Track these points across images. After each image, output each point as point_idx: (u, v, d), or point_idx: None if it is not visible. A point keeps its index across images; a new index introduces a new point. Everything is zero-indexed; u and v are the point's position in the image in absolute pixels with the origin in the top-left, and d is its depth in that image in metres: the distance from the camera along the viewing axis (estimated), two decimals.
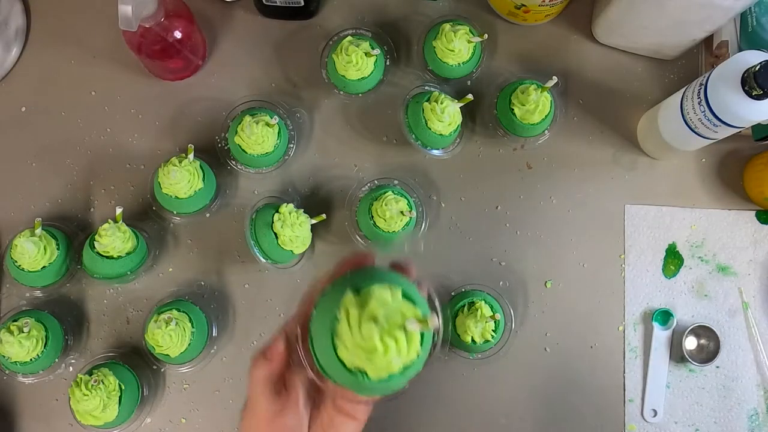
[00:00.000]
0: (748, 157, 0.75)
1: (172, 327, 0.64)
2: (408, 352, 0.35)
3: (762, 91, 0.55)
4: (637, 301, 0.73)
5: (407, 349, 0.35)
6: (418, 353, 0.36)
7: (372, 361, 0.34)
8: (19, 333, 0.64)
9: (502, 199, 0.74)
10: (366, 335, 0.34)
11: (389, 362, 0.35)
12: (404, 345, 0.35)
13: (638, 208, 0.74)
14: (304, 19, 0.77)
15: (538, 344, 0.72)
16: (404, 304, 0.36)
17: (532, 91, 0.68)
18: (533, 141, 0.73)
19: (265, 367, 0.40)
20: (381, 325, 0.34)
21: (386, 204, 0.66)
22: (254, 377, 0.40)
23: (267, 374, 0.40)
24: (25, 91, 0.75)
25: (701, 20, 0.66)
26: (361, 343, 0.34)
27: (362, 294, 0.36)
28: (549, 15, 0.75)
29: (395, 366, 0.35)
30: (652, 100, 0.75)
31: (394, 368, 0.35)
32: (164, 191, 0.67)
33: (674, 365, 0.71)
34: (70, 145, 0.74)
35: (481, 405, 0.71)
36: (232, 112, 0.72)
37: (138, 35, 0.66)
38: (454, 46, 0.70)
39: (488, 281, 0.72)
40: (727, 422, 0.71)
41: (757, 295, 0.73)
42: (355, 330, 0.34)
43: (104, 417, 0.63)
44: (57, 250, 0.67)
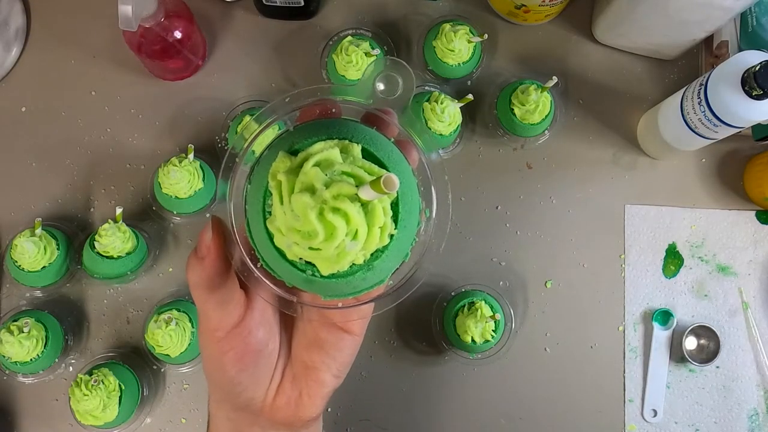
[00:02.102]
0: (748, 157, 0.75)
1: (172, 327, 0.64)
2: (370, 235, 0.25)
3: (762, 91, 0.55)
4: (637, 301, 0.73)
5: (368, 231, 0.25)
6: (391, 235, 0.26)
7: (318, 250, 0.25)
8: (19, 333, 0.64)
9: (502, 199, 0.74)
10: (298, 211, 0.24)
11: (341, 251, 0.25)
12: (361, 225, 0.25)
13: (638, 208, 0.74)
14: (304, 19, 0.77)
15: (538, 344, 0.72)
16: (364, 165, 0.25)
17: (532, 91, 0.68)
18: (533, 141, 0.73)
19: (197, 267, 0.30)
20: (320, 197, 0.24)
21: None
22: (190, 284, 0.31)
23: (202, 275, 0.30)
24: (25, 91, 0.75)
25: (701, 20, 0.66)
26: (294, 223, 0.25)
27: (299, 155, 0.25)
28: (549, 15, 0.75)
29: (352, 255, 0.25)
30: (652, 100, 0.75)
31: (352, 258, 0.25)
32: (164, 191, 0.67)
33: (674, 365, 0.71)
34: (70, 145, 0.74)
35: (480, 405, 0.71)
36: (232, 112, 0.72)
37: (138, 35, 0.66)
38: (454, 46, 0.70)
39: (488, 281, 0.72)
40: (727, 422, 0.71)
41: (757, 295, 0.73)
42: (286, 205, 0.25)
43: (104, 417, 0.63)
44: (57, 250, 0.67)
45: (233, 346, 0.31)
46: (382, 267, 0.27)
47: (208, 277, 0.30)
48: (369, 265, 0.26)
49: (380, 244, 0.26)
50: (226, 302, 0.31)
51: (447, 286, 0.71)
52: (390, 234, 0.26)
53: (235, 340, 0.31)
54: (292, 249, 0.26)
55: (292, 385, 0.33)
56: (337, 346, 0.33)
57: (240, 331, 0.31)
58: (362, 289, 0.28)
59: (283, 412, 0.33)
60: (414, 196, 0.28)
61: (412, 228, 0.27)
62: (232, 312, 0.31)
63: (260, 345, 0.32)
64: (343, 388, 0.35)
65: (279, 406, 0.33)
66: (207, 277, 0.30)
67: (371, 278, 0.27)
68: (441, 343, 0.69)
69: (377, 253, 0.26)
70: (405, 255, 0.28)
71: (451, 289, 0.70)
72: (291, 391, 0.33)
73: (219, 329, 0.31)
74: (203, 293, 0.30)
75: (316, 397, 0.33)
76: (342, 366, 0.33)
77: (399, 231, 0.26)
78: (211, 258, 0.29)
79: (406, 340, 0.71)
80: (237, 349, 0.31)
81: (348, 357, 0.33)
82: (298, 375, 0.33)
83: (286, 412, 0.33)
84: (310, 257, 0.26)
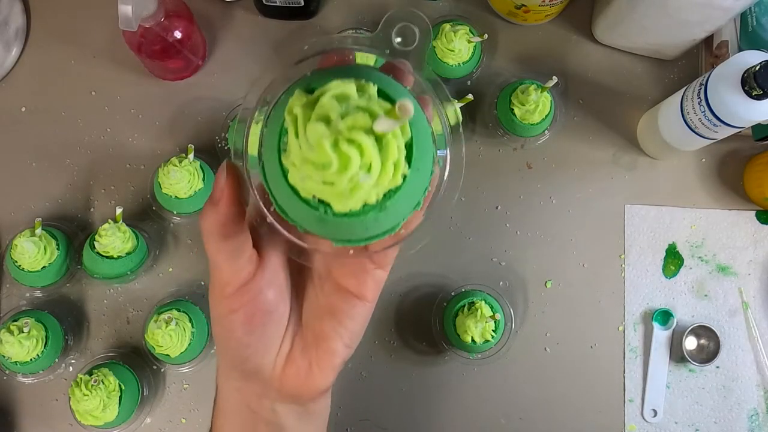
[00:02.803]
0: (748, 157, 0.75)
1: (172, 327, 0.64)
2: (384, 171, 0.25)
3: (762, 91, 0.55)
4: (637, 301, 0.73)
5: (381, 166, 0.24)
6: (404, 175, 0.25)
7: (331, 184, 0.24)
8: (19, 333, 0.64)
9: (502, 199, 0.74)
10: (313, 141, 0.24)
11: (355, 184, 0.24)
12: (375, 158, 0.24)
13: (638, 208, 0.74)
14: (304, 19, 0.77)
15: (538, 344, 0.72)
16: (378, 102, 0.25)
17: (532, 91, 0.68)
18: (533, 141, 0.73)
19: (211, 212, 0.29)
20: (335, 127, 0.24)
21: None
22: (203, 232, 0.30)
23: (216, 220, 0.29)
24: (25, 91, 0.75)
25: (701, 20, 0.66)
26: (309, 154, 0.24)
27: (316, 91, 0.25)
28: (549, 15, 0.75)
29: (365, 189, 0.25)
30: (652, 100, 0.75)
31: (365, 194, 0.25)
32: (164, 191, 0.67)
33: (674, 365, 0.71)
34: (70, 145, 0.74)
35: (480, 405, 0.71)
36: (232, 112, 0.72)
37: (138, 35, 0.66)
38: (454, 46, 0.70)
39: (488, 281, 0.72)
40: (727, 422, 0.71)
41: (757, 295, 0.73)
42: (301, 136, 0.24)
43: (104, 417, 0.63)
44: (57, 250, 0.67)
45: (243, 304, 0.31)
46: (395, 209, 0.26)
47: (221, 223, 0.29)
48: (382, 205, 0.26)
49: (393, 184, 0.25)
50: (237, 254, 0.30)
51: (447, 286, 0.71)
52: (403, 174, 0.26)
53: (244, 297, 0.31)
54: (305, 184, 0.25)
55: (302, 354, 0.33)
56: (349, 314, 0.32)
57: (250, 289, 0.31)
58: (374, 235, 0.27)
59: (292, 382, 0.33)
60: (428, 142, 0.27)
61: (425, 173, 0.27)
62: (244, 267, 0.30)
63: (270, 306, 0.32)
64: (343, 388, 0.35)
65: (288, 375, 0.33)
66: (220, 222, 0.29)
67: (383, 221, 0.26)
68: (441, 343, 0.69)
69: (390, 193, 0.26)
70: (417, 203, 0.27)
71: (451, 289, 0.70)
72: (301, 361, 0.33)
73: (229, 284, 0.30)
74: (216, 241, 0.29)
75: (326, 368, 0.33)
76: (353, 335, 0.33)
77: (412, 172, 0.26)
78: (225, 201, 0.29)
79: (406, 340, 0.71)
80: (246, 308, 0.31)
81: (359, 325, 0.33)
82: (308, 344, 0.33)
83: (295, 382, 0.33)
84: (324, 193, 0.25)
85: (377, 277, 0.32)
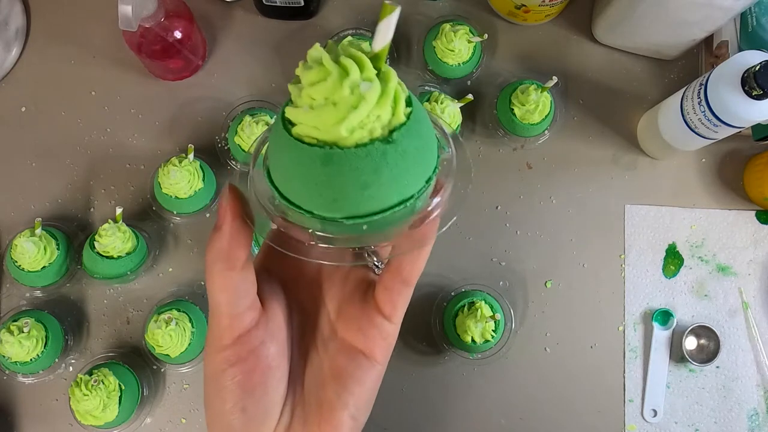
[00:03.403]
0: (748, 157, 0.75)
1: (172, 327, 0.64)
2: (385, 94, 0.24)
3: (762, 91, 0.55)
4: (637, 301, 0.73)
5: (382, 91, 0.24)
6: (406, 114, 0.25)
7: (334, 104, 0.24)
8: (19, 333, 0.64)
9: (502, 199, 0.74)
10: (313, 58, 0.25)
11: (357, 95, 0.24)
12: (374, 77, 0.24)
13: (638, 208, 0.74)
14: (304, 19, 0.77)
15: (538, 344, 0.72)
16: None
17: (532, 91, 0.68)
18: (533, 141, 0.73)
19: (215, 238, 0.27)
20: (335, 52, 0.25)
21: None
22: (207, 264, 0.28)
23: (221, 248, 0.27)
24: (25, 91, 0.75)
25: (701, 20, 0.66)
26: (310, 76, 0.25)
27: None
28: (549, 15, 0.75)
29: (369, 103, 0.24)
30: (652, 100, 0.75)
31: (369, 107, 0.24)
32: (164, 191, 0.67)
33: (674, 365, 0.71)
34: (70, 145, 0.74)
35: (480, 405, 0.71)
36: (232, 112, 0.72)
37: (138, 35, 0.66)
38: (454, 46, 0.70)
39: (488, 281, 0.72)
40: (727, 422, 0.71)
41: (757, 295, 0.73)
42: (302, 74, 0.25)
43: (104, 417, 0.63)
44: (57, 250, 0.67)
45: (242, 357, 0.28)
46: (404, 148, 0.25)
47: (226, 249, 0.27)
48: (389, 138, 0.25)
49: (397, 121, 0.25)
50: (241, 294, 0.28)
51: (447, 286, 0.71)
52: (407, 114, 0.25)
53: (244, 348, 0.28)
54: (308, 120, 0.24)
55: (303, 428, 0.29)
56: (356, 376, 0.29)
57: (250, 339, 0.28)
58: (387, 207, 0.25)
59: None
60: (426, 116, 0.27)
61: (429, 132, 0.27)
62: (246, 314, 0.28)
63: (271, 361, 0.29)
64: None
65: None
66: (225, 249, 0.27)
67: (393, 163, 0.25)
68: (441, 343, 0.69)
69: (396, 128, 0.25)
70: (428, 176, 0.26)
71: (451, 289, 0.70)
72: None
73: (229, 329, 0.28)
74: (219, 272, 0.27)
75: None
76: (361, 403, 0.29)
77: (414, 114, 0.26)
78: (229, 221, 0.27)
79: (406, 340, 0.71)
80: (245, 363, 0.28)
81: (368, 392, 0.30)
82: (310, 416, 0.29)
83: None
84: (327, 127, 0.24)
85: (387, 331, 0.30)
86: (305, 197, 0.26)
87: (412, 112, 0.26)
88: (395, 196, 0.25)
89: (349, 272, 0.32)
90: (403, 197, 0.26)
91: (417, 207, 0.27)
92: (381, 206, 0.25)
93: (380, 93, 0.24)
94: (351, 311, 0.30)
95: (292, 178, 0.26)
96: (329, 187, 0.25)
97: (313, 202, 0.25)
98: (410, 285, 0.30)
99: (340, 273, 0.32)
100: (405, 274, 0.29)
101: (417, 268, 0.29)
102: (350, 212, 0.25)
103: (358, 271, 0.32)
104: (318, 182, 0.25)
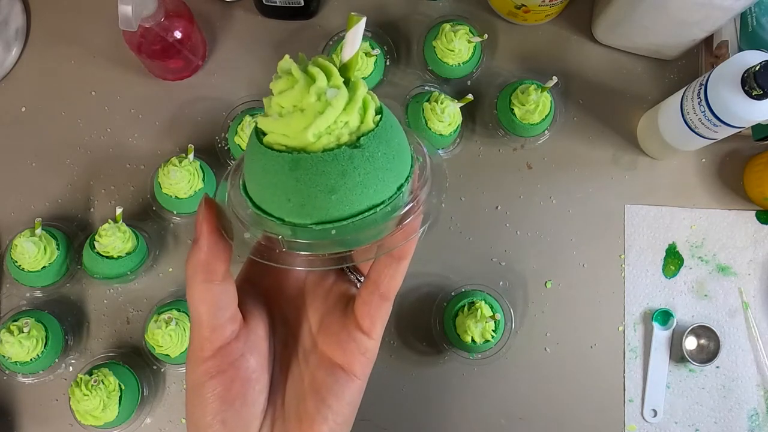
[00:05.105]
0: (748, 157, 0.75)
1: (172, 327, 0.64)
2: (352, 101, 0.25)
3: (762, 91, 0.55)
4: (637, 301, 0.73)
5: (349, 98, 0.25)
6: (374, 121, 0.26)
7: (301, 111, 0.24)
8: (19, 333, 0.64)
9: (502, 199, 0.74)
10: (283, 69, 0.25)
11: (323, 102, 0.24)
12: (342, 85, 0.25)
13: (638, 208, 0.74)
14: (304, 19, 0.77)
15: (538, 344, 0.72)
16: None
17: (532, 91, 0.68)
18: (533, 141, 0.73)
19: (193, 251, 0.28)
20: (304, 63, 0.26)
21: None
22: (187, 276, 0.28)
23: (199, 260, 0.28)
24: (25, 91, 0.75)
25: (701, 20, 0.66)
26: (279, 85, 0.25)
27: None
28: (549, 15, 0.75)
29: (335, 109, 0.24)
30: (652, 100, 0.75)
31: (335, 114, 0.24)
32: (164, 191, 0.67)
33: (674, 365, 0.71)
34: (70, 145, 0.74)
35: (480, 405, 0.71)
36: (232, 112, 0.72)
37: (138, 35, 0.66)
38: (454, 46, 0.70)
39: (488, 281, 0.72)
40: (727, 422, 0.71)
41: (757, 295, 0.73)
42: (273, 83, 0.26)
43: (104, 417, 0.63)
44: (57, 250, 0.67)
45: (222, 368, 0.28)
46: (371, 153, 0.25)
47: (204, 262, 0.27)
48: (356, 143, 0.25)
49: (366, 127, 0.25)
50: (221, 306, 0.28)
51: (447, 286, 0.71)
52: (376, 121, 0.26)
53: (224, 360, 0.28)
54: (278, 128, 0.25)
55: None
56: (335, 391, 0.29)
57: (231, 351, 0.29)
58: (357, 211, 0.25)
59: None
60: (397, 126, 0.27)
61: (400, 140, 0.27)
62: (226, 325, 0.28)
63: (251, 373, 0.29)
64: None
65: None
66: (203, 261, 0.27)
67: (361, 167, 0.25)
68: (441, 343, 0.69)
69: (364, 134, 0.25)
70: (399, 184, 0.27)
71: (451, 289, 0.70)
72: None
73: (209, 341, 0.28)
74: (199, 285, 0.28)
75: None
76: (340, 418, 0.29)
77: (383, 122, 0.26)
78: (206, 233, 0.27)
79: (406, 340, 0.71)
80: (226, 374, 0.28)
81: (347, 407, 0.30)
82: (290, 430, 0.29)
83: None
84: (296, 133, 0.24)
85: (365, 346, 0.30)
86: (275, 204, 0.26)
87: (381, 119, 0.26)
88: (364, 201, 0.26)
89: (332, 286, 0.32)
90: (373, 203, 0.26)
91: (389, 215, 0.27)
92: (350, 211, 0.25)
93: (348, 100, 0.25)
94: (332, 325, 0.31)
95: (262, 186, 0.26)
96: (297, 192, 0.25)
97: (283, 209, 0.26)
98: (388, 299, 0.30)
99: (324, 286, 0.32)
100: (383, 289, 0.29)
101: (395, 283, 0.29)
102: (319, 218, 0.25)
103: (341, 285, 0.32)
104: (286, 187, 0.25)
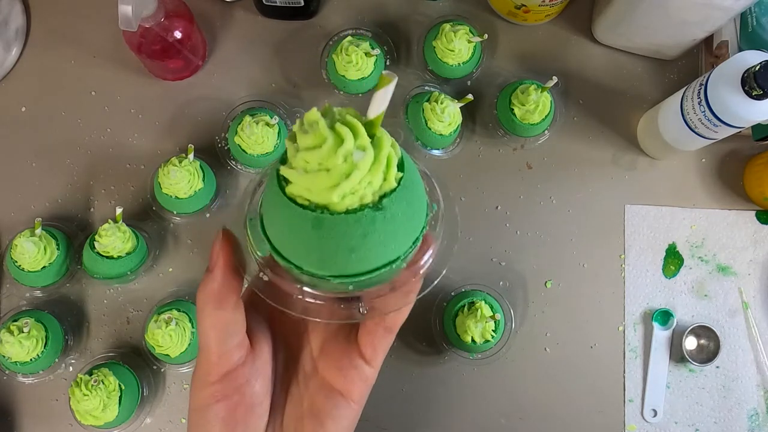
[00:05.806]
0: (748, 157, 0.75)
1: (172, 327, 0.64)
2: (377, 161, 0.25)
3: (762, 91, 0.55)
4: (637, 301, 0.73)
5: (375, 158, 0.25)
6: (397, 180, 0.26)
7: (327, 170, 0.25)
8: (19, 333, 0.64)
9: (502, 199, 0.74)
10: (309, 122, 0.25)
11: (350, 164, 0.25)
12: (368, 145, 0.25)
13: (638, 208, 0.74)
14: (304, 19, 0.77)
15: (538, 344, 0.72)
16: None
17: (532, 91, 0.68)
18: (533, 141, 0.73)
19: (206, 281, 0.28)
20: (330, 114, 0.26)
21: None
22: (198, 303, 0.29)
23: (211, 290, 0.28)
24: (25, 91, 0.75)
25: (701, 20, 0.66)
26: (306, 140, 0.25)
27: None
28: (549, 15, 0.75)
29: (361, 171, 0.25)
30: (652, 100, 0.75)
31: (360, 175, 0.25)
32: (164, 191, 0.67)
33: (674, 365, 0.71)
34: (70, 145, 0.74)
35: (480, 405, 0.71)
36: (232, 112, 0.72)
37: (138, 35, 0.66)
38: (454, 46, 0.70)
39: (488, 281, 0.72)
40: (727, 422, 0.71)
41: (757, 295, 0.73)
42: (298, 131, 0.25)
43: (104, 417, 0.63)
44: (57, 250, 0.67)
45: (227, 393, 0.29)
46: (392, 213, 0.26)
47: (216, 291, 0.28)
48: (378, 205, 0.25)
49: (388, 186, 0.26)
50: (230, 333, 0.29)
51: (447, 286, 0.71)
52: (397, 179, 0.26)
53: (230, 386, 0.29)
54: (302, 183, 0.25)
55: None
56: (332, 414, 0.30)
57: (237, 377, 0.29)
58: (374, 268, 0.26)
59: None
60: (417, 179, 0.28)
61: (412, 175, 0.27)
62: (234, 352, 0.29)
63: (255, 399, 0.30)
64: None
65: None
66: (215, 291, 0.28)
67: (382, 229, 0.26)
68: (441, 343, 0.69)
69: (386, 194, 0.26)
70: (415, 237, 0.27)
71: (451, 289, 0.70)
72: None
73: (217, 366, 0.29)
74: (210, 312, 0.28)
75: None
76: None
77: (405, 179, 0.26)
78: (220, 266, 0.28)
79: (406, 340, 0.71)
80: (230, 399, 0.29)
81: (344, 430, 0.31)
82: None
83: None
84: (320, 190, 0.25)
85: (366, 374, 0.31)
86: (295, 254, 0.27)
87: (403, 177, 0.27)
88: (382, 258, 0.26)
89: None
90: (390, 259, 0.27)
91: (402, 266, 0.28)
92: (367, 267, 0.26)
93: (373, 160, 0.25)
94: (333, 350, 0.31)
95: (283, 234, 0.27)
96: (318, 249, 0.26)
97: (303, 260, 0.27)
98: (392, 332, 0.31)
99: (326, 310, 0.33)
100: (389, 322, 0.30)
101: (401, 317, 0.30)
102: (337, 272, 0.26)
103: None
104: (308, 243, 0.26)
